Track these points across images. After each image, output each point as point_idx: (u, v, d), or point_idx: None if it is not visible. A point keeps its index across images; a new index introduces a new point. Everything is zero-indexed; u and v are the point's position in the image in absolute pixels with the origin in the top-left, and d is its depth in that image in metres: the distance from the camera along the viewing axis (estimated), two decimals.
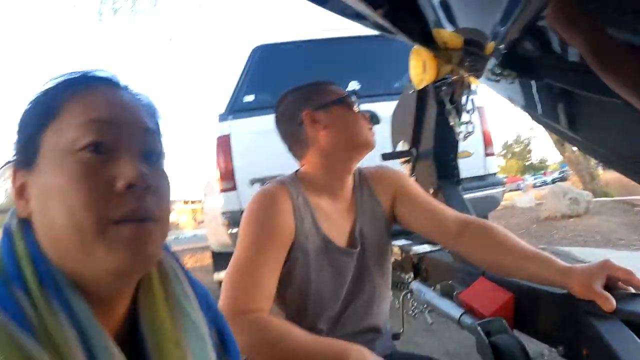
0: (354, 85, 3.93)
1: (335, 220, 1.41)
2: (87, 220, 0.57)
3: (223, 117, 3.66)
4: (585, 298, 1.05)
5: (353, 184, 1.48)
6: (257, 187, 3.25)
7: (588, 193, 9.25)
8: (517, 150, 75.06)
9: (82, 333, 0.56)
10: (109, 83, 0.68)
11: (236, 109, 3.69)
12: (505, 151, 78.28)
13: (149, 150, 0.66)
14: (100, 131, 0.61)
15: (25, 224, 0.62)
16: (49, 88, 0.66)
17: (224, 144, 3.50)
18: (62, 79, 0.67)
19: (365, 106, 3.61)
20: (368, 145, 1.42)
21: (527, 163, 76.61)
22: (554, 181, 40.92)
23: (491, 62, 1.30)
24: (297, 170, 1.48)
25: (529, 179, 54.78)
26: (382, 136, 2.79)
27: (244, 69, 3.82)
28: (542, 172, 63.79)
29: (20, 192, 0.64)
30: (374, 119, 2.42)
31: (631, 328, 0.96)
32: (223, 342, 0.78)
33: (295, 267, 1.32)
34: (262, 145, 3.27)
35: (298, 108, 1.43)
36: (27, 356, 0.51)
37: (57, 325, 0.54)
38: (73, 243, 0.58)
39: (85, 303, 0.58)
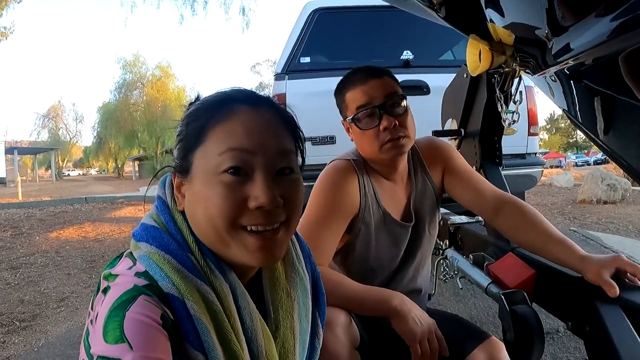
0: (406, 55, 4.00)
1: (393, 196, 1.54)
2: (222, 226, 0.73)
3: (279, 77, 3.74)
4: (595, 284, 1.21)
5: (408, 164, 1.58)
6: (308, 145, 3.41)
7: (626, 181, 9.01)
8: (562, 125, 72.51)
9: (231, 285, 0.78)
10: (249, 103, 0.78)
11: (292, 69, 3.76)
12: (550, 125, 75.74)
13: (282, 168, 0.77)
14: (238, 158, 0.73)
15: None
16: (197, 111, 0.80)
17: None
18: (207, 103, 0.81)
19: (417, 76, 3.67)
20: (382, 159, 1.47)
21: (571, 140, 74.08)
22: (596, 162, 39.70)
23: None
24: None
25: (571, 157, 53.18)
26: (430, 106, 2.88)
27: (302, 30, 3.86)
28: (585, 151, 61.66)
29: (178, 188, 0.81)
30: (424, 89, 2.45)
31: (629, 315, 1.12)
32: (316, 295, 0.98)
33: (357, 237, 1.50)
34: (315, 106, 3.30)
35: (340, 113, 1.54)
36: (204, 296, 0.73)
37: (216, 279, 0.76)
38: (214, 239, 0.76)
39: (230, 268, 0.79)
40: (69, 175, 69.81)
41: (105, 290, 0.70)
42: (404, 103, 1.43)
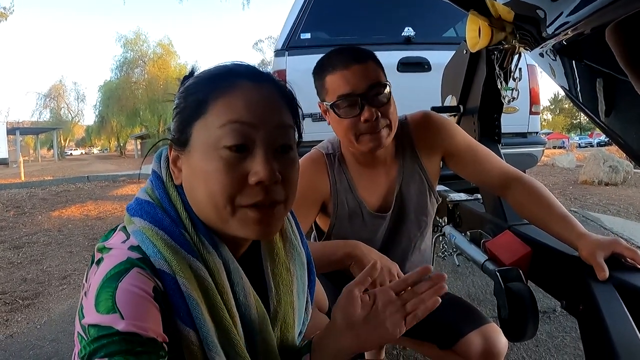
0: (408, 32, 3.99)
1: (371, 184, 1.51)
2: (222, 203, 0.72)
3: (279, 53, 3.73)
4: (587, 262, 1.21)
5: (395, 147, 1.52)
6: (309, 121, 3.41)
7: (628, 163, 8.95)
8: (566, 106, 72.25)
9: (224, 260, 0.79)
10: (250, 78, 0.77)
11: (292, 46, 3.75)
12: (553, 106, 75.45)
13: (281, 144, 0.76)
14: (239, 132, 0.72)
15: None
16: (197, 84, 0.79)
17: (280, 78, 3.53)
18: (207, 75, 0.79)
19: (418, 53, 3.66)
20: (364, 151, 1.42)
21: (574, 121, 73.91)
22: (599, 144, 39.72)
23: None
24: None
25: (574, 138, 53.28)
26: (431, 83, 2.87)
27: (303, 6, 3.84)
28: (589, 133, 61.47)
29: (175, 161, 0.81)
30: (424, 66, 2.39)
31: (622, 295, 1.11)
32: (308, 272, 0.98)
33: (332, 230, 1.52)
34: None
35: (318, 94, 1.46)
36: (195, 273, 0.74)
37: (209, 255, 0.77)
38: (212, 215, 0.75)
39: (223, 243, 0.80)
40: (71, 154, 70.10)
41: (98, 262, 0.71)
42: (387, 91, 1.36)
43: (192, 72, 0.84)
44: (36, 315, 3.27)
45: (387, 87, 1.36)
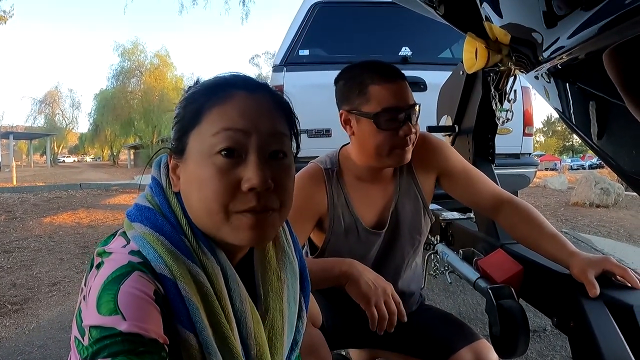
0: (405, 51, 4.02)
1: (369, 200, 1.52)
2: (215, 209, 0.74)
3: (277, 69, 3.77)
4: (578, 280, 1.24)
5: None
6: (304, 137, 3.44)
7: (620, 185, 9.07)
8: (559, 129, 72.78)
9: (222, 267, 0.80)
10: (245, 88, 0.78)
11: (291, 62, 3.79)
12: (546, 128, 75.98)
13: (275, 150, 0.77)
14: (231, 138, 0.74)
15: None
16: (195, 94, 0.81)
17: None
18: (204, 86, 0.81)
19: (415, 73, 3.69)
20: (387, 166, 1.46)
21: (567, 143, 74.41)
22: (591, 167, 39.95)
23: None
24: (342, 147, 1.57)
25: (567, 161, 53.61)
26: (427, 103, 2.91)
27: (302, 23, 3.88)
28: (581, 155, 61.86)
29: (174, 169, 0.82)
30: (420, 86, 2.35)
31: (613, 312, 1.14)
32: (302, 280, 0.99)
33: (326, 245, 1.51)
34: (313, 98, 3.30)
35: (340, 100, 1.47)
36: (195, 278, 0.74)
37: (208, 261, 0.77)
38: (207, 222, 0.77)
39: (221, 250, 0.81)
40: (63, 161, 69.78)
41: (98, 266, 0.71)
42: (417, 110, 1.41)
43: (196, 83, 0.85)
44: (25, 320, 3.25)
45: (419, 106, 1.41)
